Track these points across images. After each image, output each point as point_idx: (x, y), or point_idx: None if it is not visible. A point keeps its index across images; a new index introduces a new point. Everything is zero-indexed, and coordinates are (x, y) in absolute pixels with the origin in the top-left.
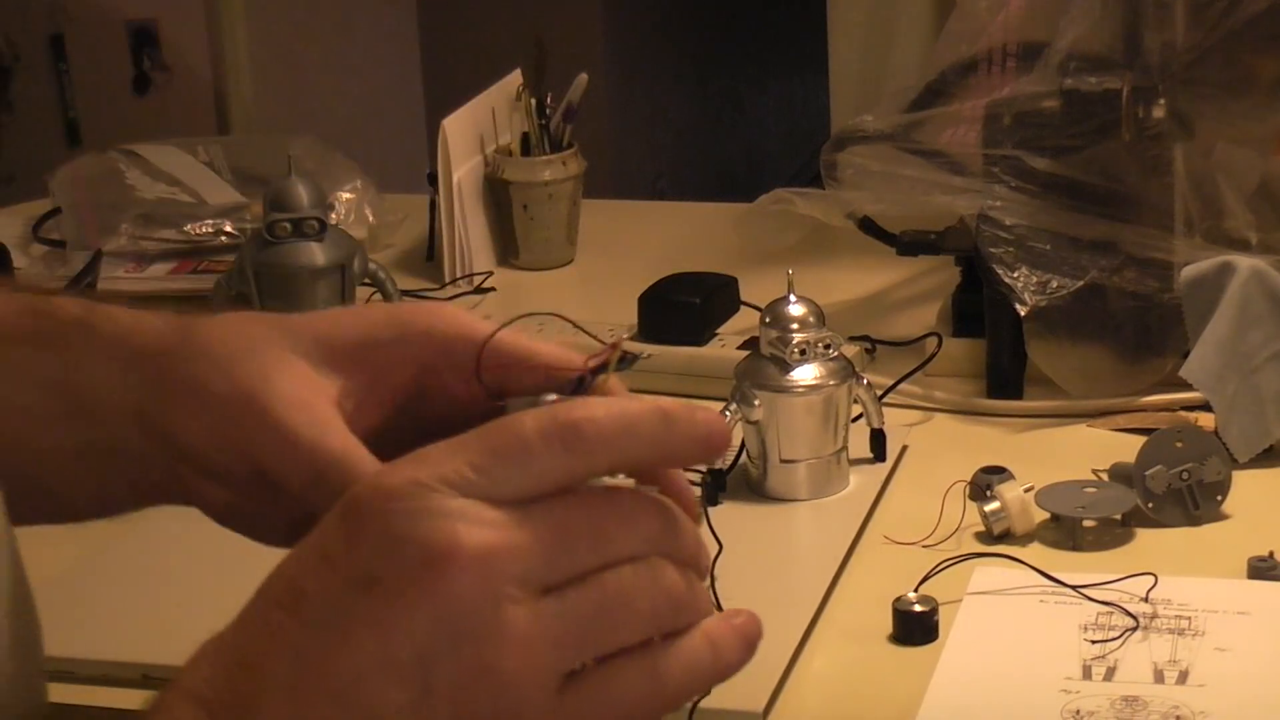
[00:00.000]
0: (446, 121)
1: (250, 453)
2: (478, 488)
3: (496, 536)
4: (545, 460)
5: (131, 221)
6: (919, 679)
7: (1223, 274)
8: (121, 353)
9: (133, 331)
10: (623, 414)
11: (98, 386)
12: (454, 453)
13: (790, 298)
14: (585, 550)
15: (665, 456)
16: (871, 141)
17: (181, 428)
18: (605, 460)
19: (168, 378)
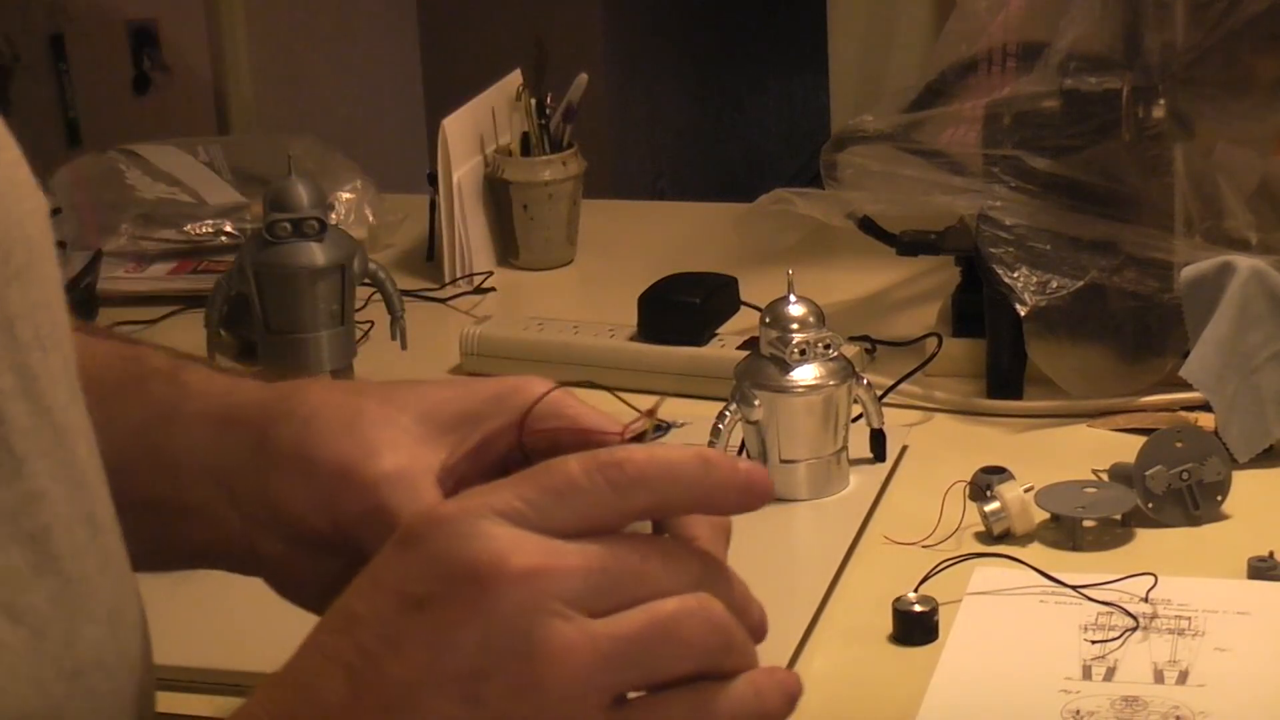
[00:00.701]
0: (446, 121)
1: (349, 525)
2: (526, 518)
3: (544, 559)
4: (590, 495)
5: (131, 221)
6: (919, 679)
7: (1223, 274)
8: (215, 413)
9: (229, 392)
10: (664, 456)
11: (184, 445)
12: (502, 488)
13: (790, 298)
14: (630, 581)
15: (704, 501)
16: (871, 141)
17: (283, 493)
18: (647, 498)
19: (270, 442)
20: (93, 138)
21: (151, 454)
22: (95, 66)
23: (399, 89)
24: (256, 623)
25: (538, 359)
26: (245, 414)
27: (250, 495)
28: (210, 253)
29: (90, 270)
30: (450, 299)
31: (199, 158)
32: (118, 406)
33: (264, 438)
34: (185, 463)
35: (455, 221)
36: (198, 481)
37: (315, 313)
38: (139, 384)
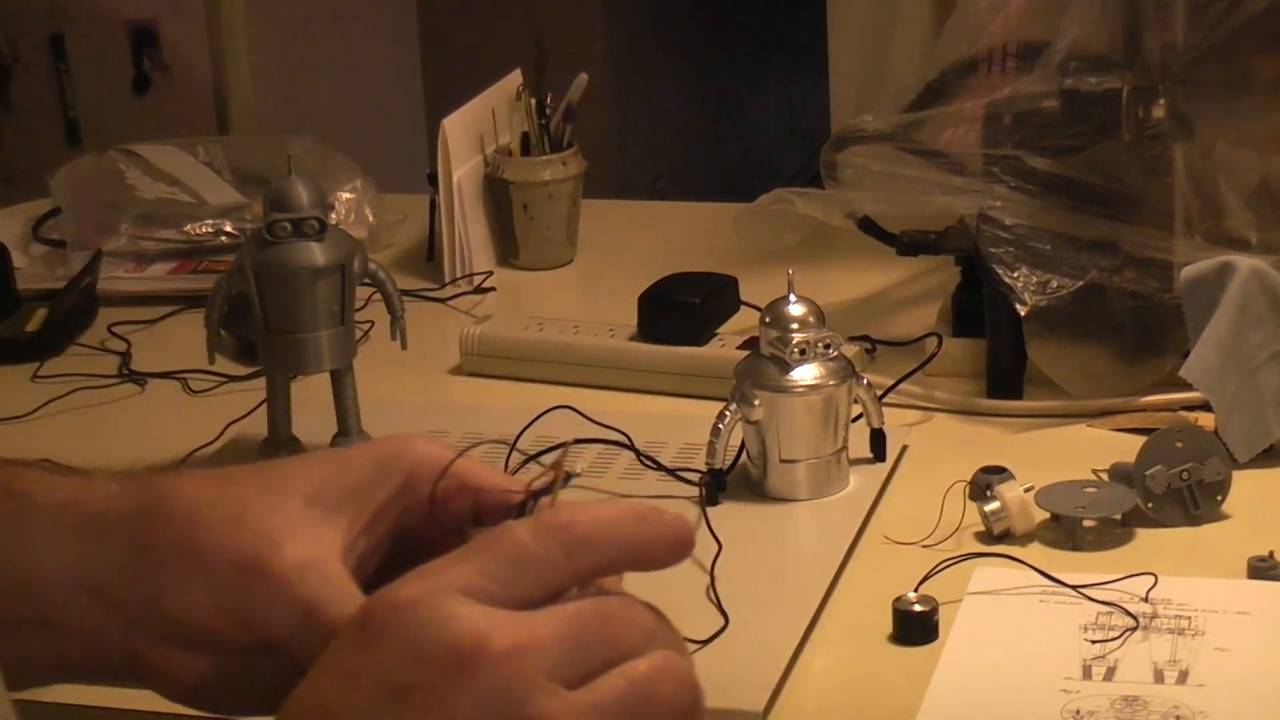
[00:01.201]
0: (446, 121)
1: (258, 622)
2: (491, 594)
3: (520, 635)
4: (545, 562)
5: (131, 221)
6: (919, 679)
7: (1223, 274)
8: (73, 523)
9: (81, 499)
10: (604, 515)
11: (41, 559)
12: (457, 563)
13: (790, 298)
14: (600, 645)
15: (640, 557)
16: (871, 141)
17: (173, 598)
18: (594, 559)
19: (152, 547)
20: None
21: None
22: (95, 66)
23: (399, 89)
24: None
25: (538, 359)
26: (110, 521)
27: (136, 604)
28: (210, 253)
29: (90, 270)
30: (450, 299)
31: (199, 158)
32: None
33: (143, 543)
34: (44, 578)
35: (455, 221)
36: (64, 597)
37: (315, 313)
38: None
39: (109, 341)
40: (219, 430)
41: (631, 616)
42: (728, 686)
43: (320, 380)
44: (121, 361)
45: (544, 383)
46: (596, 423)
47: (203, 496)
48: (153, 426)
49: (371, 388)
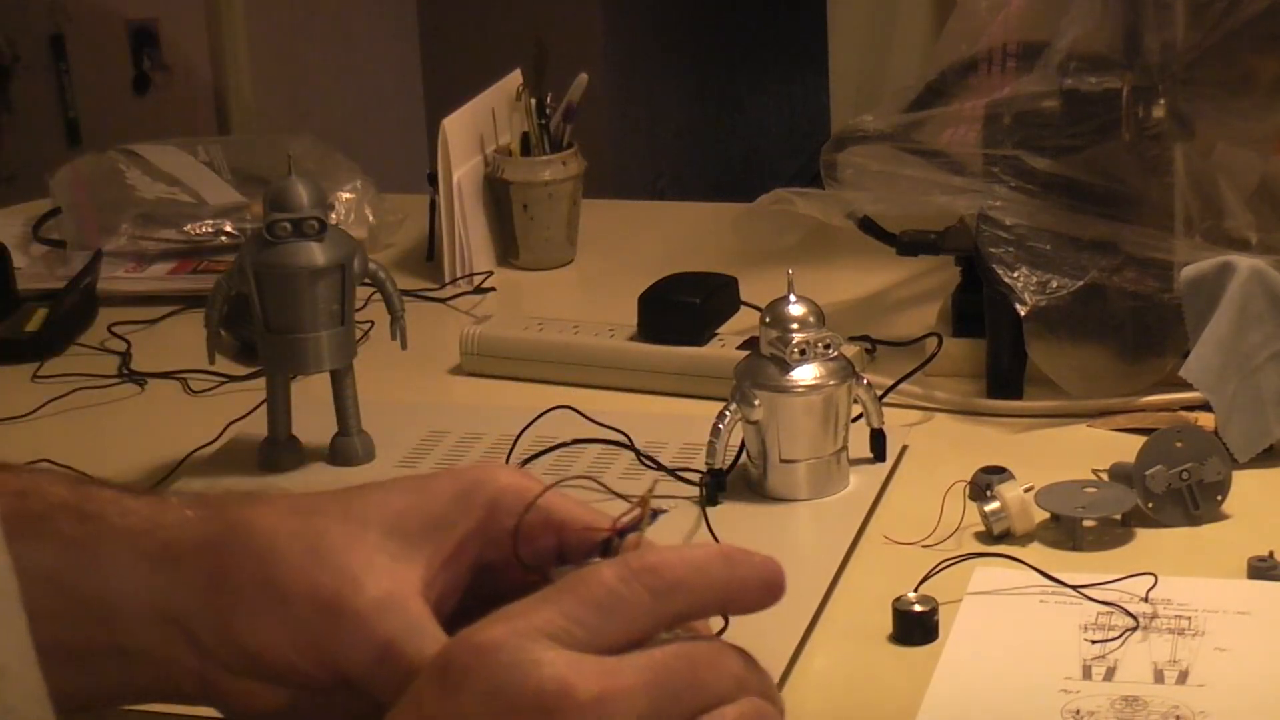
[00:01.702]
0: (446, 121)
1: (336, 660)
2: (575, 638)
3: (605, 682)
4: (633, 607)
5: (131, 221)
6: (919, 679)
7: (1223, 274)
8: (148, 550)
9: (156, 525)
10: (692, 557)
11: (116, 587)
12: (541, 605)
13: (790, 298)
14: (687, 692)
15: (729, 600)
16: (871, 141)
17: (250, 633)
18: (683, 602)
19: (227, 579)
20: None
21: (70, 598)
22: (95, 66)
23: (399, 89)
24: None
25: (538, 359)
26: (186, 550)
27: (211, 636)
28: (210, 253)
29: (90, 270)
30: (450, 299)
31: (199, 158)
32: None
33: (218, 575)
34: (120, 606)
35: (455, 221)
36: (140, 625)
37: (315, 313)
38: (40, 522)
39: (109, 341)
40: (219, 430)
41: (720, 662)
42: None
43: (320, 380)
44: (121, 361)
45: (544, 383)
46: (596, 423)
47: (281, 528)
48: (153, 426)
49: (371, 388)
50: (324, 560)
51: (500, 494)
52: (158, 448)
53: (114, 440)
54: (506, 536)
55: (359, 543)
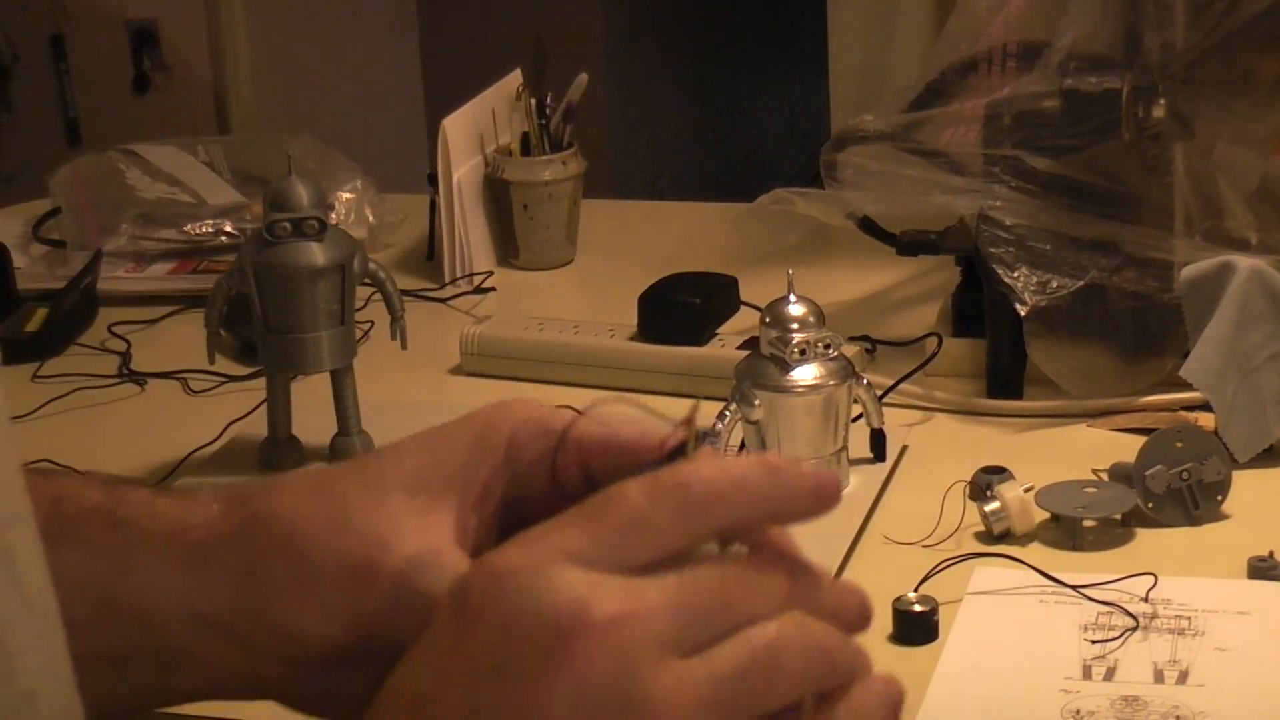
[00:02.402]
0: (446, 121)
1: (379, 625)
2: (595, 559)
3: (625, 603)
4: (659, 525)
5: (131, 221)
6: (919, 679)
7: (1223, 274)
8: (180, 555)
9: (183, 526)
10: (728, 471)
11: (153, 593)
12: (562, 527)
13: (790, 298)
14: (718, 611)
15: (774, 512)
16: (871, 141)
17: (287, 618)
18: (717, 519)
19: (255, 568)
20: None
21: (108, 605)
22: (95, 66)
23: (399, 89)
24: None
25: (538, 359)
26: (214, 549)
27: (251, 630)
28: (210, 253)
29: (90, 270)
30: (450, 299)
31: (199, 158)
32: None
33: (248, 567)
34: (158, 611)
35: (455, 221)
36: (180, 629)
37: (315, 313)
38: (74, 528)
39: (109, 341)
40: (219, 430)
41: (758, 581)
42: None
43: (320, 380)
44: (121, 361)
45: (544, 383)
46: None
47: (301, 508)
48: (153, 426)
49: (371, 388)
50: (349, 529)
51: (516, 430)
52: (158, 448)
53: (114, 440)
54: (531, 469)
55: (382, 507)
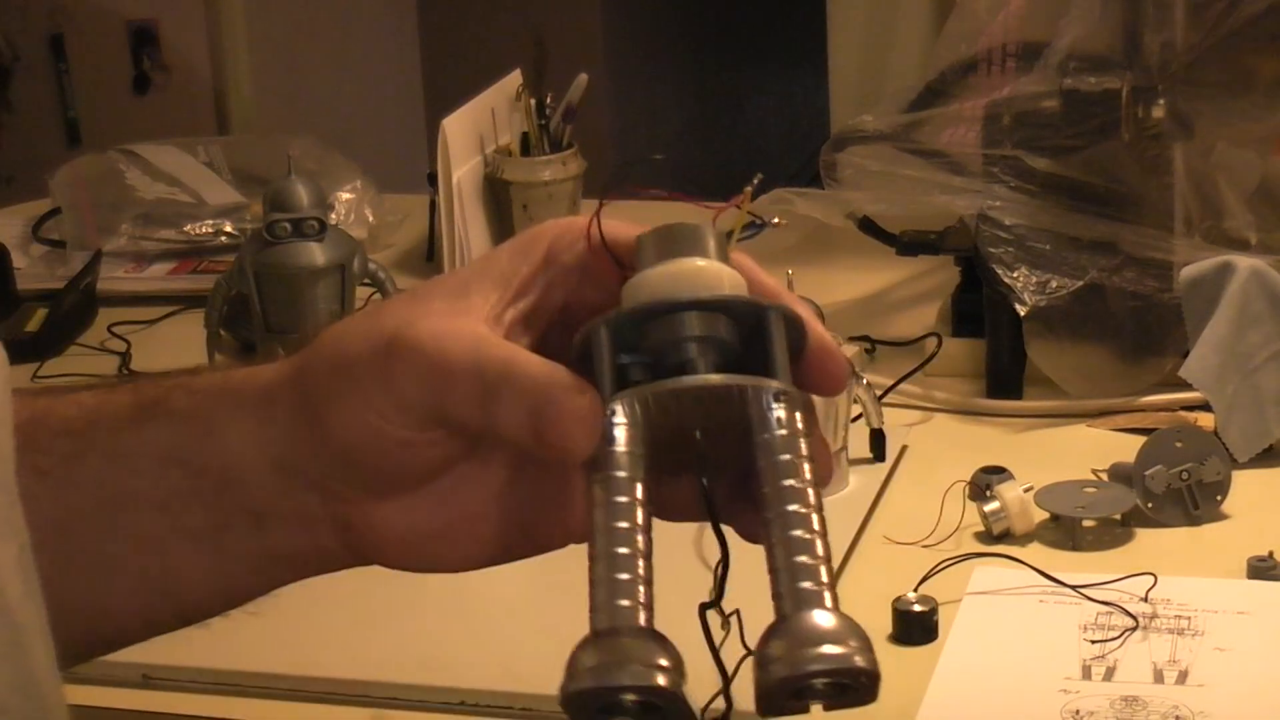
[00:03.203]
0: (446, 121)
1: (414, 404)
2: None
3: None
4: None
5: (131, 221)
6: (919, 679)
7: (1222, 274)
8: (248, 400)
9: (251, 377)
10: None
11: (228, 449)
12: None
13: None
14: None
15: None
16: (871, 141)
17: (334, 426)
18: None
19: (307, 392)
20: (93, 138)
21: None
22: (95, 66)
23: (399, 89)
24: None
25: None
26: (276, 389)
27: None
28: (210, 253)
29: (90, 270)
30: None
31: (199, 158)
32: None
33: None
34: (239, 466)
35: (455, 221)
36: (260, 480)
37: (315, 313)
38: (155, 406)
39: (109, 341)
40: None
41: None
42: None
43: None
44: (121, 361)
45: None
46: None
47: (349, 325)
48: None
49: None
50: (383, 320)
51: (558, 235)
52: None
53: None
54: (571, 273)
55: (420, 304)
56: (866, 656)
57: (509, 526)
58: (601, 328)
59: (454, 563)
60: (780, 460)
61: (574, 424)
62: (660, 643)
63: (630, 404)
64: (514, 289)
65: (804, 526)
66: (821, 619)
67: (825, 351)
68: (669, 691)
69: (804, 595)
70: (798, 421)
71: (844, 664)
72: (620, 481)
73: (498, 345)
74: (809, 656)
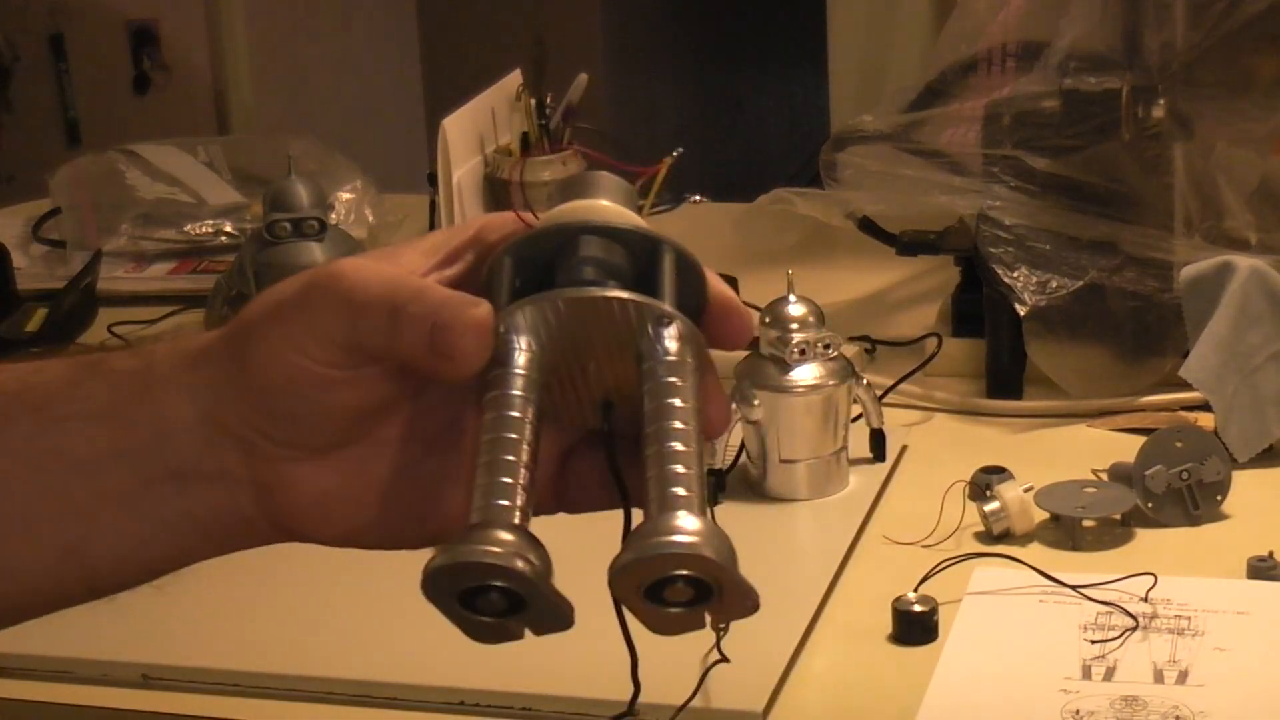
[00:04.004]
0: (446, 121)
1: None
2: None
3: None
4: None
5: (131, 221)
6: (919, 679)
7: (1222, 274)
8: (187, 355)
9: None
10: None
11: (161, 402)
12: None
13: (790, 298)
14: None
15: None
16: (871, 141)
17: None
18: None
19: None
20: (93, 138)
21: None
22: (95, 66)
23: (399, 89)
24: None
25: None
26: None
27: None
28: (210, 253)
29: (90, 270)
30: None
31: (199, 158)
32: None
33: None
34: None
35: (455, 221)
36: (188, 435)
37: None
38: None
39: (109, 341)
40: None
41: None
42: (728, 687)
43: None
44: None
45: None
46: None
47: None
48: None
49: None
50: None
51: (489, 219)
52: None
53: None
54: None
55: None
56: (719, 551)
57: (417, 502)
58: (504, 255)
59: (367, 537)
60: (664, 382)
61: (466, 332)
62: (530, 540)
63: (523, 323)
64: (441, 256)
65: (682, 441)
66: (685, 521)
67: (725, 300)
68: (528, 578)
69: (672, 499)
70: (687, 351)
71: (690, 551)
72: (511, 398)
73: (413, 278)
74: (657, 544)
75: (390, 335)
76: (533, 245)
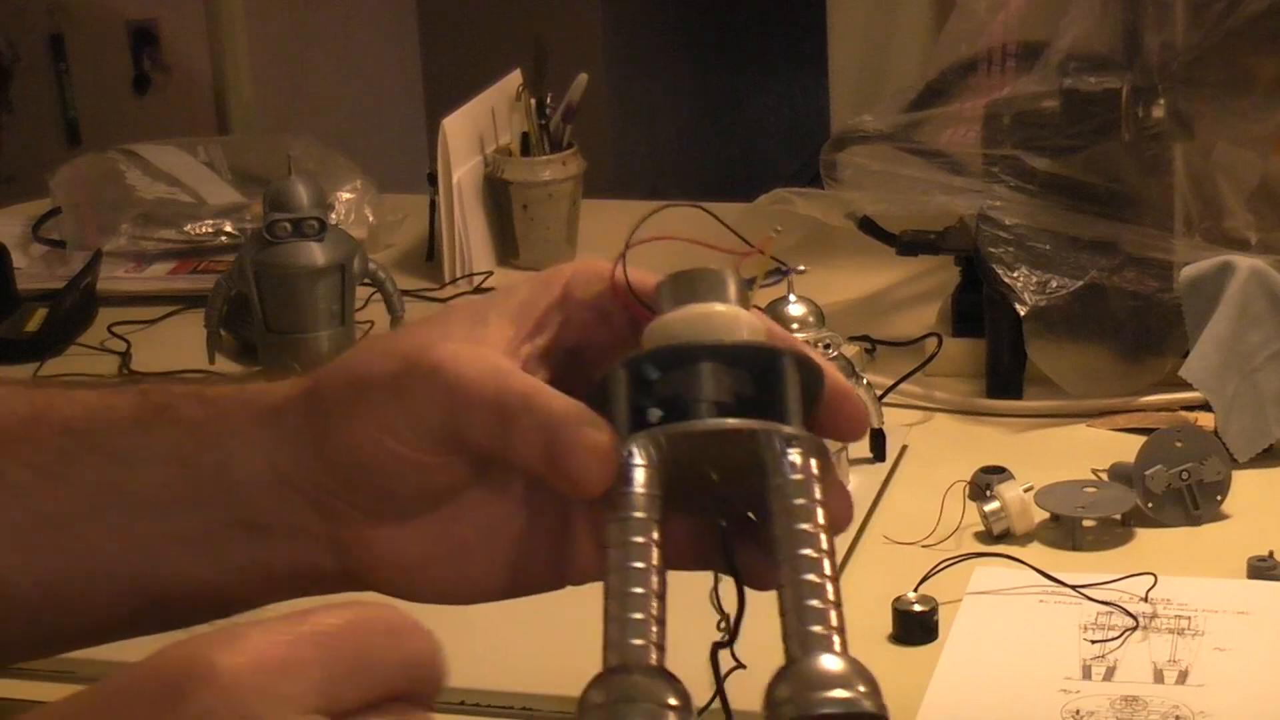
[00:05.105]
0: (446, 121)
1: (427, 425)
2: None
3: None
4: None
5: (131, 221)
6: (919, 679)
7: (1223, 274)
8: (253, 414)
9: (264, 392)
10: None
11: (233, 458)
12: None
13: (790, 298)
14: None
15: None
16: (871, 141)
17: (340, 445)
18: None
19: (316, 410)
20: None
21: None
22: (95, 66)
23: (399, 89)
24: None
25: None
26: (288, 405)
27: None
28: (210, 253)
29: (90, 270)
30: (450, 299)
31: (199, 158)
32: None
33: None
34: (241, 476)
35: (455, 221)
36: (262, 494)
37: (315, 313)
38: (165, 410)
39: (109, 341)
40: None
41: None
42: (728, 687)
43: None
44: (121, 361)
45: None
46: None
47: (363, 344)
48: None
49: None
50: (401, 342)
51: (576, 274)
52: None
53: None
54: (587, 313)
55: (438, 328)
56: (875, 700)
57: (504, 563)
58: (620, 368)
59: (444, 595)
60: (793, 504)
61: (589, 457)
62: (670, 682)
63: (646, 445)
64: (531, 322)
65: (815, 571)
66: (829, 662)
67: (842, 396)
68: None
69: (813, 639)
70: (812, 466)
71: (853, 708)
72: (637, 522)
73: (518, 376)
74: (817, 699)
75: (500, 439)
76: (649, 360)
